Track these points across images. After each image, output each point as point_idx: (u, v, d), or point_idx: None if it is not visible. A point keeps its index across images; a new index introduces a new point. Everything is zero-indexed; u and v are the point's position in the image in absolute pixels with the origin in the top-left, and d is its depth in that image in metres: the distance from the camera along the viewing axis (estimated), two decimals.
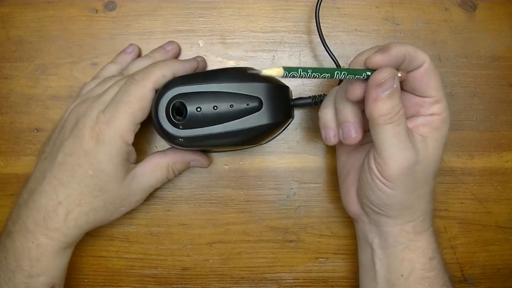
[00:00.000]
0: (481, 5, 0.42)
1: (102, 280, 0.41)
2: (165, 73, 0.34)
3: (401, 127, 0.30)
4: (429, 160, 0.32)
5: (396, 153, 0.30)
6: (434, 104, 0.32)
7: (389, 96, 0.29)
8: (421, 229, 0.33)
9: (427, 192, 0.33)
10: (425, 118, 0.32)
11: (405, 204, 0.32)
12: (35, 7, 0.41)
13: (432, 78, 0.31)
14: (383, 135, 0.30)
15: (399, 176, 0.30)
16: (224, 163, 0.41)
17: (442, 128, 0.32)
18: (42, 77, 0.41)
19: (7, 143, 0.41)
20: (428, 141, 0.32)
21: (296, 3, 0.41)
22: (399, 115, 0.30)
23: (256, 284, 0.41)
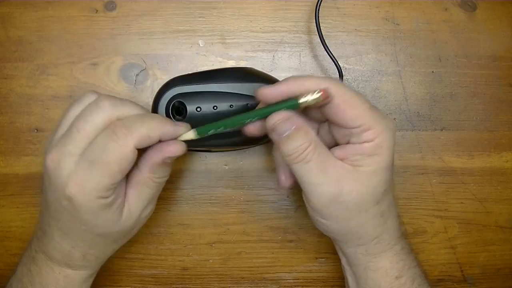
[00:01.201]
0: (481, 5, 0.42)
1: (102, 280, 0.41)
2: (152, 133, 0.29)
3: (311, 164, 0.29)
4: (361, 189, 0.29)
5: (312, 188, 0.30)
6: (362, 133, 0.29)
7: (289, 137, 0.29)
8: (377, 251, 0.32)
9: (370, 218, 0.31)
10: (355, 146, 0.30)
11: (345, 231, 0.31)
12: (35, 7, 0.41)
13: (347, 110, 0.29)
14: (296, 173, 0.30)
15: (323, 208, 0.30)
16: (224, 163, 0.41)
17: (378, 155, 0.29)
18: (42, 77, 0.41)
19: (7, 143, 0.41)
20: (360, 170, 0.29)
21: (296, 3, 0.41)
22: (306, 152, 0.29)
23: (256, 284, 0.41)
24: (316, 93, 0.28)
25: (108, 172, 0.28)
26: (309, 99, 0.28)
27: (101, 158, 0.28)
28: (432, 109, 0.41)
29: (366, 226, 0.31)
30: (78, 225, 0.31)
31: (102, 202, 0.29)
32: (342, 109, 0.29)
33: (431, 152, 0.41)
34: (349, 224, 0.31)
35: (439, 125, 0.41)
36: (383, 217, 0.31)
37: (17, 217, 0.40)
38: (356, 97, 0.29)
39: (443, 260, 0.41)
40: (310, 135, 0.29)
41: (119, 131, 0.28)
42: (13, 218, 0.40)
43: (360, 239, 0.32)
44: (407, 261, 0.33)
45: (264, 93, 0.30)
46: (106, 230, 0.31)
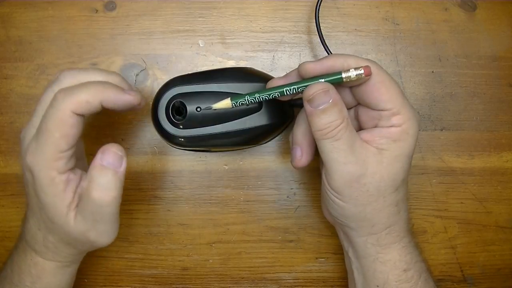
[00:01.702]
0: (481, 5, 0.42)
1: (102, 280, 0.41)
2: (91, 99, 0.28)
3: (341, 142, 0.29)
4: (383, 173, 0.30)
5: (337, 167, 0.29)
6: (392, 117, 0.30)
7: (324, 111, 0.29)
8: (388, 242, 0.32)
9: (387, 205, 0.31)
10: (382, 130, 0.30)
11: (360, 216, 0.31)
12: (35, 7, 0.41)
13: (382, 91, 0.30)
14: (323, 149, 0.30)
15: (344, 188, 0.30)
16: (224, 163, 0.41)
17: (403, 140, 0.30)
18: (42, 77, 0.41)
19: (7, 143, 0.41)
20: (384, 153, 0.30)
21: (296, 3, 0.41)
22: (338, 129, 0.29)
23: (256, 284, 0.41)
24: (359, 70, 0.29)
25: (51, 139, 0.28)
26: (353, 74, 0.29)
27: (44, 125, 0.28)
28: (432, 109, 0.41)
29: (381, 214, 0.31)
30: (37, 202, 0.30)
31: (53, 175, 0.28)
32: (377, 89, 0.30)
33: (431, 152, 0.41)
34: (366, 208, 0.31)
35: (439, 125, 0.41)
36: (398, 206, 0.32)
37: (17, 217, 0.40)
38: (392, 81, 0.30)
39: (443, 260, 0.41)
40: (344, 112, 0.29)
41: (58, 97, 0.28)
42: (13, 218, 0.40)
43: (373, 227, 0.32)
44: (414, 255, 0.33)
45: (308, 67, 0.30)
46: (55, 217, 0.30)
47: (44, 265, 0.33)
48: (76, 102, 0.28)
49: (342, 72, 0.29)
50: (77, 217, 0.30)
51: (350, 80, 0.29)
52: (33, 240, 0.32)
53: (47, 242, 0.32)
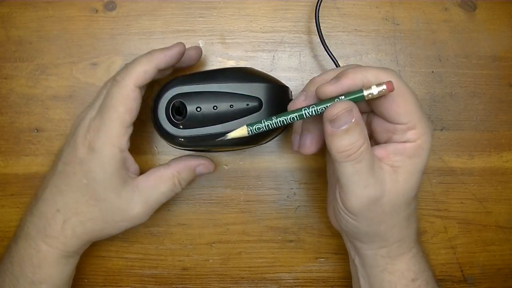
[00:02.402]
0: (481, 5, 0.42)
1: (102, 280, 0.41)
2: (146, 68, 0.32)
3: (363, 164, 0.28)
4: (399, 192, 0.29)
5: (356, 190, 0.28)
6: (407, 131, 0.29)
7: (347, 131, 0.27)
8: (397, 253, 0.32)
9: (400, 221, 0.31)
10: (397, 146, 0.29)
11: (373, 234, 0.31)
12: (35, 7, 0.41)
13: (401, 104, 0.28)
14: (343, 172, 0.28)
15: (361, 211, 0.29)
16: (224, 163, 0.41)
17: (417, 156, 0.29)
18: (42, 77, 0.41)
19: (7, 143, 0.40)
20: (399, 171, 0.29)
21: (296, 3, 0.41)
22: (360, 151, 0.27)
23: (256, 284, 0.41)
24: (381, 86, 0.27)
25: (116, 114, 0.31)
26: (375, 92, 0.27)
27: (108, 104, 0.31)
28: (432, 109, 0.41)
29: (394, 229, 0.31)
30: (80, 178, 0.32)
31: (115, 153, 0.32)
32: (395, 102, 0.28)
33: (431, 152, 0.41)
34: (379, 227, 0.30)
35: (439, 125, 0.41)
36: (409, 220, 0.31)
37: (17, 217, 0.40)
38: (410, 93, 0.29)
39: (443, 260, 0.41)
40: (365, 132, 0.28)
41: (118, 77, 0.32)
42: (13, 218, 0.40)
43: (386, 241, 0.31)
44: (422, 264, 0.33)
45: (327, 91, 0.28)
46: (102, 191, 0.32)
47: (47, 253, 0.33)
48: (135, 75, 0.31)
49: (363, 90, 0.28)
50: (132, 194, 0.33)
51: (372, 97, 0.28)
52: (47, 225, 0.33)
53: (66, 225, 0.33)
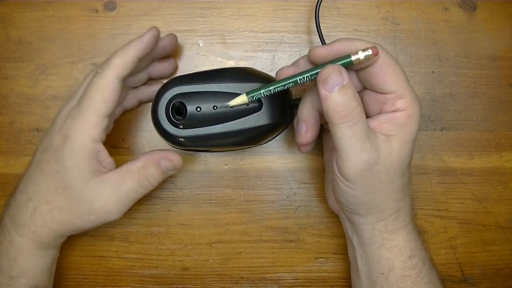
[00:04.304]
0: (481, 5, 0.42)
1: (102, 280, 0.41)
2: (124, 58, 0.32)
3: (359, 126, 0.29)
4: (393, 160, 0.30)
5: (353, 154, 0.29)
6: (396, 100, 0.31)
7: (340, 92, 0.29)
8: (394, 227, 0.32)
9: (394, 191, 0.32)
10: (388, 115, 0.31)
11: (370, 203, 0.31)
12: (35, 7, 0.41)
13: (388, 73, 0.30)
14: (339, 135, 0.29)
15: (358, 177, 0.30)
16: (224, 163, 0.41)
17: (408, 125, 0.31)
18: (42, 77, 0.41)
19: (7, 143, 0.41)
20: (392, 139, 0.30)
21: (296, 3, 0.41)
22: (355, 113, 0.29)
23: (256, 284, 0.41)
24: (367, 50, 0.29)
25: (93, 103, 0.31)
26: (361, 56, 0.29)
27: (87, 93, 0.32)
28: (432, 109, 0.41)
29: (390, 199, 0.32)
30: (52, 165, 0.32)
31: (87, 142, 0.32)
32: (383, 71, 0.30)
33: (431, 152, 0.41)
34: (376, 195, 0.31)
35: (439, 125, 0.41)
36: (404, 191, 0.32)
37: None
38: (397, 64, 0.31)
39: (443, 260, 0.41)
40: (358, 97, 0.29)
41: (99, 68, 0.32)
42: None
43: (382, 213, 0.32)
44: (418, 242, 0.33)
45: (318, 52, 0.31)
46: (70, 180, 0.32)
47: (21, 245, 0.33)
48: (115, 66, 0.32)
49: (351, 55, 0.30)
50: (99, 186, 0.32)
51: (359, 61, 0.30)
52: (19, 213, 0.33)
53: (36, 213, 0.33)
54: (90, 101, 0.31)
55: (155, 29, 0.34)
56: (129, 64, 0.32)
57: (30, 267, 0.34)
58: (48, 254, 0.35)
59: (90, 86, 0.32)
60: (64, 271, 0.40)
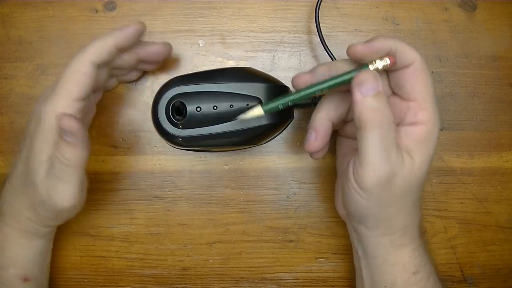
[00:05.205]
0: (481, 5, 0.42)
1: (102, 280, 0.41)
2: (102, 44, 0.32)
3: (389, 135, 0.28)
4: (412, 176, 0.30)
5: (378, 164, 0.28)
6: (419, 111, 0.30)
7: (374, 97, 0.28)
8: (399, 243, 0.32)
9: (407, 206, 0.31)
10: (407, 129, 0.30)
11: (380, 216, 0.31)
12: (35, 7, 0.41)
13: (419, 80, 0.30)
14: (368, 141, 0.28)
15: (375, 188, 0.29)
16: (224, 163, 0.41)
17: (428, 140, 0.30)
18: (42, 77, 0.41)
19: (7, 143, 0.40)
20: (414, 156, 0.30)
21: (296, 3, 0.41)
22: (388, 120, 0.28)
23: (256, 284, 0.41)
24: (384, 60, 0.29)
25: (65, 85, 0.31)
26: (380, 66, 0.29)
27: (62, 75, 0.31)
28: None
29: (400, 214, 0.31)
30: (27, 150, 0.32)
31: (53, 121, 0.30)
32: (416, 75, 0.30)
33: None
34: (387, 209, 0.30)
35: None
36: (415, 208, 0.32)
37: None
38: (430, 77, 0.30)
39: (443, 260, 0.41)
40: (389, 108, 0.29)
41: (77, 54, 0.32)
42: None
43: (391, 227, 0.31)
44: (424, 258, 0.33)
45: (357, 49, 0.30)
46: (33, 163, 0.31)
47: (8, 233, 0.33)
48: (91, 51, 0.32)
49: (369, 64, 0.30)
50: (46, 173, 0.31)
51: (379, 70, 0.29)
52: (2, 200, 0.34)
53: (13, 200, 0.33)
54: (63, 84, 0.31)
55: (141, 24, 0.34)
56: (106, 50, 0.32)
57: (18, 256, 0.34)
58: (36, 244, 0.35)
59: (65, 69, 0.32)
60: (64, 271, 0.40)
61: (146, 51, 0.36)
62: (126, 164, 0.40)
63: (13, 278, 0.33)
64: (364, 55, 0.30)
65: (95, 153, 0.40)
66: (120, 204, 0.41)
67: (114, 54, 0.33)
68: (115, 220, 0.41)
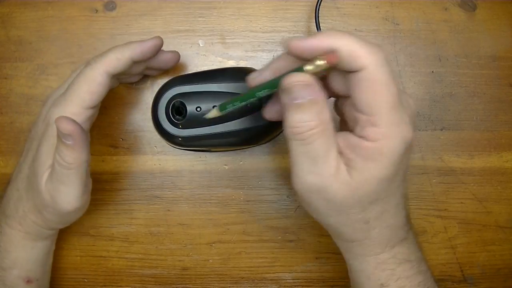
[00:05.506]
0: (481, 5, 0.42)
1: (102, 280, 0.41)
2: (119, 56, 0.32)
3: (310, 147, 0.25)
4: (346, 194, 0.26)
5: (299, 172, 0.27)
6: (366, 126, 0.25)
7: (299, 107, 0.25)
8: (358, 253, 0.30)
9: (352, 222, 0.28)
10: (354, 140, 0.26)
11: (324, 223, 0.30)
12: (35, 7, 0.41)
13: (368, 89, 0.25)
14: (291, 149, 0.26)
15: (304, 194, 0.27)
16: (224, 163, 0.41)
17: (374, 161, 0.25)
18: (42, 77, 0.41)
19: (7, 143, 0.41)
20: (353, 174, 0.26)
21: (296, 3, 0.41)
22: (311, 133, 0.25)
23: (256, 284, 0.41)
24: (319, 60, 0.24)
25: (78, 92, 0.31)
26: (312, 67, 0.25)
27: (75, 82, 0.31)
28: (432, 109, 0.41)
29: (345, 227, 0.29)
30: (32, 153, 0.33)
31: None
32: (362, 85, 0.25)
33: (431, 152, 0.41)
34: (327, 219, 0.29)
35: (439, 125, 0.41)
36: (368, 224, 0.28)
37: None
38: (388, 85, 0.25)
39: (443, 260, 0.41)
40: (323, 116, 0.25)
41: (91, 61, 0.32)
42: None
43: (339, 236, 0.30)
44: (396, 271, 0.30)
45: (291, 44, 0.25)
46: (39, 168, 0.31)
47: (11, 236, 0.33)
48: (107, 61, 0.31)
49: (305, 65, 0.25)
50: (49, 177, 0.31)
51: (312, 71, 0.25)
52: (6, 204, 0.34)
53: (18, 203, 0.33)
54: (76, 90, 0.31)
55: (159, 39, 0.34)
56: (122, 63, 0.32)
57: (22, 258, 0.34)
58: (39, 246, 0.35)
59: (79, 76, 0.32)
60: (64, 271, 0.41)
61: (156, 59, 0.36)
62: (126, 164, 0.40)
63: (16, 279, 0.34)
64: (299, 53, 0.26)
65: (95, 153, 0.40)
66: (120, 204, 0.41)
67: (129, 65, 0.33)
68: (115, 220, 0.41)
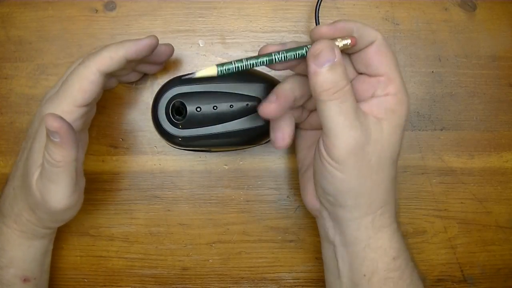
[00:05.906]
0: (481, 5, 0.42)
1: (102, 280, 0.41)
2: (113, 54, 0.32)
3: (347, 104, 0.28)
4: (384, 144, 0.30)
5: (342, 132, 0.28)
6: (389, 84, 0.30)
7: (330, 69, 0.28)
8: (381, 224, 0.31)
9: (383, 181, 0.31)
10: (379, 99, 0.30)
11: (359, 191, 0.30)
12: (35, 7, 0.41)
13: (383, 55, 0.30)
14: (327, 113, 0.28)
15: (348, 157, 0.29)
16: (224, 163, 0.41)
17: (398, 110, 0.30)
18: (42, 77, 0.41)
19: (7, 143, 0.40)
20: (383, 123, 0.30)
21: (296, 3, 0.41)
22: (344, 91, 0.28)
23: (256, 284, 0.41)
24: (346, 39, 0.29)
25: (70, 90, 0.31)
26: (340, 44, 0.29)
27: (68, 80, 0.32)
28: (432, 109, 0.41)
29: (379, 188, 0.31)
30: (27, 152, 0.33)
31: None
32: (380, 52, 0.30)
33: (431, 152, 0.41)
34: (366, 181, 0.30)
35: (439, 125, 0.41)
36: (392, 183, 0.32)
37: None
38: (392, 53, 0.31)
39: (443, 260, 0.41)
40: (348, 75, 0.29)
41: (85, 59, 0.32)
42: None
43: (371, 204, 0.31)
44: (402, 243, 0.32)
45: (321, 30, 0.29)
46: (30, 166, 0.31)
47: (7, 234, 0.33)
48: (100, 59, 0.31)
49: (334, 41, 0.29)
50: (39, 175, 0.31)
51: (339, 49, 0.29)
52: (3, 203, 0.34)
53: (13, 202, 0.33)
54: (68, 88, 0.31)
55: (154, 38, 0.34)
56: (116, 61, 0.32)
57: (18, 257, 0.34)
58: (36, 244, 0.35)
59: (72, 74, 0.32)
60: (64, 271, 0.41)
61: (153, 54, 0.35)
62: (126, 164, 0.40)
63: (13, 278, 0.34)
64: (329, 36, 0.30)
65: (95, 153, 0.40)
66: (120, 204, 0.41)
67: (123, 64, 0.32)
68: (115, 220, 0.41)
